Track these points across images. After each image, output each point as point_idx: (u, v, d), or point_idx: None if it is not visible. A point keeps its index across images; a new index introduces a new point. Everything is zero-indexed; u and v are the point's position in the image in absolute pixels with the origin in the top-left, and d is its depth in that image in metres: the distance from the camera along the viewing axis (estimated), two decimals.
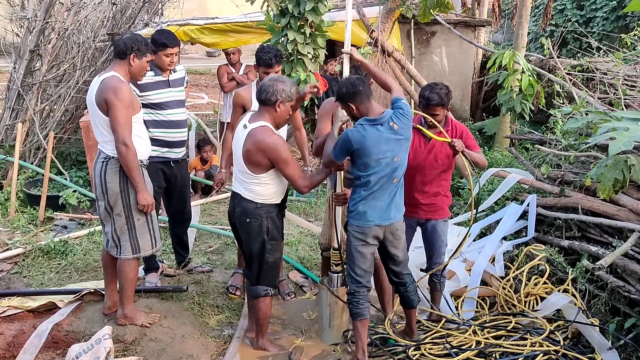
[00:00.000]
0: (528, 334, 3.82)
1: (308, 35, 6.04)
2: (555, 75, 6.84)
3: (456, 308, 4.24)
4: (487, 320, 4.07)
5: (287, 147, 3.52)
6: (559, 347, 3.64)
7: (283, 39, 6.08)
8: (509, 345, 3.67)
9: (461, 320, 4.08)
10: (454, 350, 3.65)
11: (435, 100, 3.76)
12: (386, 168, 3.39)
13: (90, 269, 4.80)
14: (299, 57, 6.10)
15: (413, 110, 3.66)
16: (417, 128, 3.79)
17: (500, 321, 4.04)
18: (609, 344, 3.61)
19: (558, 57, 7.74)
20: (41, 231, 5.58)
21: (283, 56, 4.77)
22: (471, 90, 9.07)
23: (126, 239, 3.72)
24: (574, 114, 5.31)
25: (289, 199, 6.10)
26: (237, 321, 4.14)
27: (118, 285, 3.89)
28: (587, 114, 4.40)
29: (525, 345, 3.66)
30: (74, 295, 4.15)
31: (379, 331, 3.95)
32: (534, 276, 4.32)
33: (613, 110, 5.07)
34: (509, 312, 4.17)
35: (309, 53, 6.12)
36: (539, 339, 3.71)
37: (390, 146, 3.36)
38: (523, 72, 6.12)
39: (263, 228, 3.57)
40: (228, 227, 4.87)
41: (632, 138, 2.94)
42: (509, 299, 4.24)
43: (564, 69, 6.88)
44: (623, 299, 3.76)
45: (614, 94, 5.95)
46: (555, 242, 4.53)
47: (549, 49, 6.71)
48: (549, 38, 8.11)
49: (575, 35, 11.21)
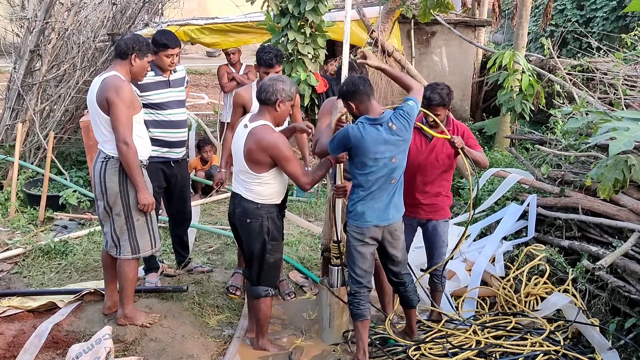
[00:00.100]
0: (528, 334, 3.81)
1: (308, 35, 6.05)
2: (555, 75, 6.84)
3: (456, 308, 4.24)
4: (487, 320, 4.07)
5: (289, 145, 3.53)
6: (559, 347, 3.64)
7: (283, 39, 6.09)
8: (509, 345, 3.67)
9: (461, 319, 4.08)
10: (454, 350, 3.65)
11: (437, 100, 3.76)
12: (384, 168, 3.39)
13: (90, 269, 4.80)
14: (299, 57, 6.12)
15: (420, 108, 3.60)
16: (418, 126, 3.78)
17: (500, 321, 4.04)
18: (609, 344, 3.61)
19: (558, 57, 7.74)
20: (41, 231, 5.58)
21: (283, 56, 4.77)
22: (471, 90, 9.06)
23: (125, 239, 3.71)
24: (574, 114, 5.31)
25: (289, 199, 6.10)
26: (237, 321, 4.14)
27: (118, 286, 3.89)
28: (587, 114, 4.40)
29: (526, 345, 3.66)
30: (74, 295, 4.14)
31: (379, 331, 3.95)
32: (534, 276, 4.32)
33: (613, 110, 5.06)
34: (509, 312, 4.16)
35: (309, 53, 6.13)
36: (539, 339, 3.71)
37: (388, 147, 3.36)
38: (523, 72, 6.13)
39: (264, 228, 3.57)
40: (228, 227, 4.87)
41: (633, 138, 2.94)
42: (509, 299, 4.24)
43: (564, 69, 6.89)
44: (623, 299, 3.76)
45: (614, 94, 5.95)
46: (556, 242, 4.53)
47: (549, 49, 6.71)
48: (549, 38, 8.11)
49: (575, 35, 11.22)
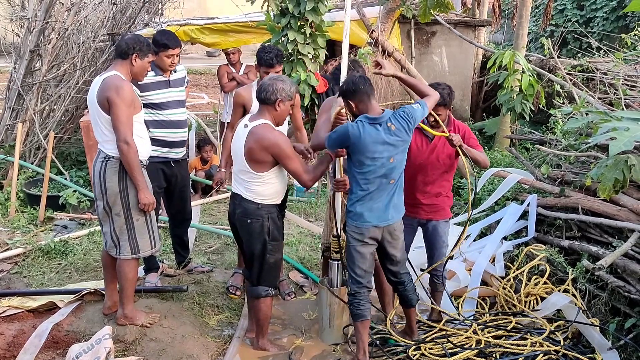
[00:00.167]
0: (528, 334, 3.82)
1: (308, 35, 6.04)
2: (555, 75, 6.84)
3: (456, 308, 4.24)
4: (488, 320, 4.07)
5: (290, 143, 3.53)
6: (559, 347, 3.64)
7: (283, 39, 6.08)
8: (509, 345, 3.67)
9: (461, 319, 4.08)
10: (454, 350, 3.65)
11: (438, 100, 3.76)
12: (381, 168, 3.39)
13: (90, 269, 4.80)
14: (299, 57, 6.10)
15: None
16: (418, 125, 3.77)
17: (500, 321, 4.04)
18: (609, 344, 3.61)
19: (558, 57, 7.74)
20: (41, 231, 5.58)
21: (284, 56, 4.76)
22: (471, 90, 9.07)
23: (125, 239, 3.71)
24: (574, 114, 5.31)
25: (289, 199, 6.10)
26: (237, 321, 4.14)
27: (118, 286, 3.89)
28: (588, 114, 4.40)
29: (526, 345, 3.66)
30: (74, 295, 4.14)
31: (380, 329, 3.95)
32: (534, 276, 4.32)
33: (613, 110, 5.06)
34: (509, 312, 4.16)
35: (309, 53, 6.12)
36: (539, 339, 3.71)
37: (386, 147, 3.37)
38: (523, 72, 6.12)
39: (264, 229, 3.57)
40: (228, 227, 4.87)
41: (633, 138, 2.93)
42: (509, 299, 4.24)
43: (564, 69, 6.89)
44: (623, 299, 3.76)
45: (614, 94, 5.95)
46: (556, 242, 4.52)
47: (549, 49, 6.71)
48: (549, 38, 8.10)
49: (575, 35, 11.22)
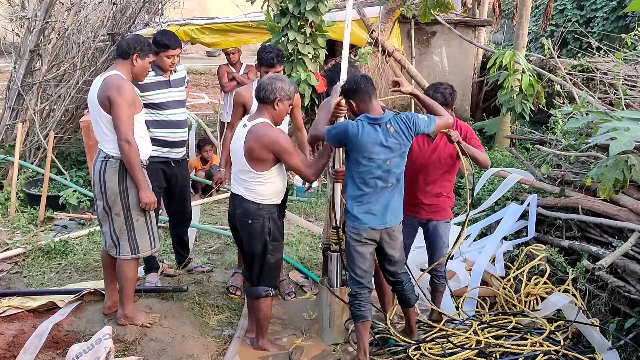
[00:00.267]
0: (528, 333, 3.81)
1: (308, 35, 6.04)
2: (555, 75, 6.84)
3: (456, 308, 4.24)
4: (488, 320, 4.07)
5: (289, 139, 3.54)
6: (559, 347, 3.64)
7: (283, 38, 6.09)
8: (509, 345, 3.67)
9: (461, 319, 4.08)
10: (454, 349, 3.65)
11: (440, 100, 3.77)
12: (378, 169, 3.39)
13: (90, 269, 4.80)
14: (300, 57, 6.11)
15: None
16: None
17: (500, 321, 4.04)
18: (609, 344, 3.61)
19: (558, 57, 7.74)
20: (41, 231, 5.58)
21: (284, 56, 4.77)
22: (471, 90, 9.07)
23: (125, 239, 3.71)
24: (574, 114, 5.31)
25: (289, 199, 6.10)
26: (237, 321, 4.14)
27: (118, 286, 3.89)
28: (588, 114, 4.40)
29: (526, 345, 3.66)
30: (74, 295, 4.14)
31: (380, 329, 3.95)
32: (534, 276, 4.32)
33: (613, 110, 5.06)
34: (509, 312, 4.16)
35: (309, 53, 6.12)
36: (539, 339, 3.70)
37: (383, 149, 3.36)
38: (523, 72, 6.13)
39: (265, 229, 3.57)
40: (228, 227, 4.87)
41: (633, 138, 2.93)
42: (509, 299, 4.24)
43: (564, 69, 6.89)
44: (623, 299, 3.76)
45: (614, 94, 5.95)
46: (556, 242, 4.52)
47: (549, 49, 6.71)
48: (549, 38, 8.10)
49: (575, 35, 11.22)
